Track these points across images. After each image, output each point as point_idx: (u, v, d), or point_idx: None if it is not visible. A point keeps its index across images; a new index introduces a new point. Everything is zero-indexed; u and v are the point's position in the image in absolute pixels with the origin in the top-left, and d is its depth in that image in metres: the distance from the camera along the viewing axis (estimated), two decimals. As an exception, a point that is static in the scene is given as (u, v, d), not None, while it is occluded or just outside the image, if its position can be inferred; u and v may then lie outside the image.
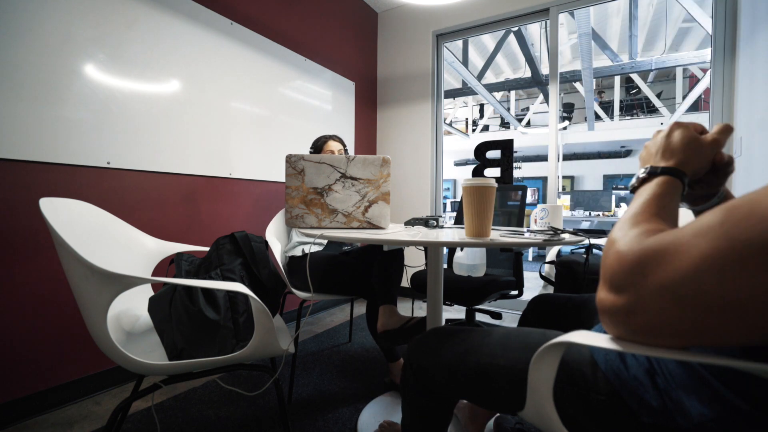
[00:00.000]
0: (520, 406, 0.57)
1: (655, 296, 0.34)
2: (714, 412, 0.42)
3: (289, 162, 1.01)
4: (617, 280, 0.38)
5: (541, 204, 1.13)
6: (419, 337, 0.76)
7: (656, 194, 0.46)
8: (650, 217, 0.43)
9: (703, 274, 0.31)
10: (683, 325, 0.33)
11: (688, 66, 6.62)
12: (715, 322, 0.31)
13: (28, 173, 1.33)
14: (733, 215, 0.31)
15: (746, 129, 1.83)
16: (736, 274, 0.30)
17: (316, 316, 2.63)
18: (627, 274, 0.37)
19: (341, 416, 1.35)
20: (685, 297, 0.32)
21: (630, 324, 0.37)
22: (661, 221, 0.42)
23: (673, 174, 0.48)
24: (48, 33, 1.35)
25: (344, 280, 1.52)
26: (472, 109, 10.58)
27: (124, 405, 0.83)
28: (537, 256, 8.30)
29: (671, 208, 0.45)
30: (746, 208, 0.31)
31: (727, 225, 0.31)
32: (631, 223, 0.43)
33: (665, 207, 0.45)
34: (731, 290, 0.30)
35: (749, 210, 0.30)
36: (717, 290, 0.31)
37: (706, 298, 0.31)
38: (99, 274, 0.75)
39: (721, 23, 2.06)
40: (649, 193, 0.47)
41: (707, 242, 0.32)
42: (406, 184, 3.17)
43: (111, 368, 1.55)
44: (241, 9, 2.10)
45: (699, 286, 0.31)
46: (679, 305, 0.33)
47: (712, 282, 0.31)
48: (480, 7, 2.80)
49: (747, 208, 0.31)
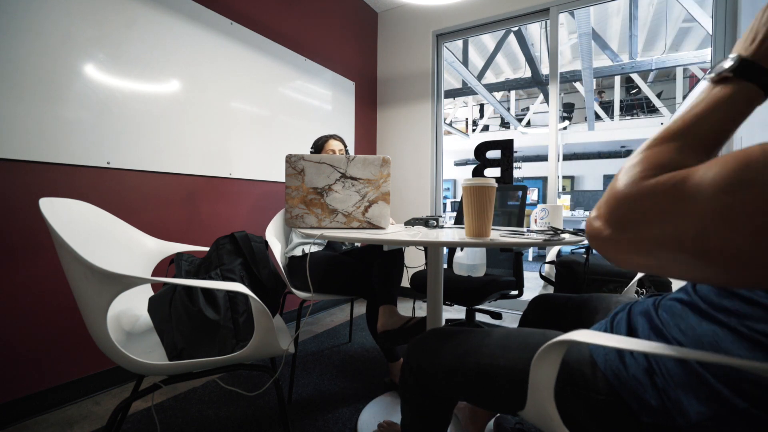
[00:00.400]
0: (520, 406, 0.57)
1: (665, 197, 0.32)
2: (712, 411, 0.42)
3: (289, 162, 1.01)
4: (617, 214, 0.35)
5: (541, 204, 1.13)
6: (418, 338, 0.76)
7: (722, 118, 0.36)
8: (695, 146, 0.36)
9: (726, 188, 0.29)
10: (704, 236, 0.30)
11: (688, 66, 6.62)
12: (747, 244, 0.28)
13: (28, 173, 1.33)
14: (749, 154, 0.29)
15: (746, 129, 1.82)
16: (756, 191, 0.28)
17: (316, 316, 2.63)
18: (621, 213, 0.35)
19: (341, 416, 1.35)
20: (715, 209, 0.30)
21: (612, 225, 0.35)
22: (692, 154, 0.36)
23: (754, 77, 0.35)
24: (48, 33, 1.35)
25: (344, 280, 1.52)
26: (472, 109, 10.57)
27: (124, 405, 0.83)
28: (537, 256, 8.30)
29: (726, 132, 0.36)
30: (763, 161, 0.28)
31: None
32: (659, 142, 0.37)
33: (719, 136, 0.36)
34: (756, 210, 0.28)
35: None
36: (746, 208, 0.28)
37: (736, 216, 0.28)
38: (99, 274, 0.75)
39: (721, 23, 2.06)
40: (713, 110, 0.36)
41: (720, 166, 0.30)
42: (406, 184, 3.17)
43: (111, 368, 1.55)
44: (241, 9, 2.10)
45: (727, 198, 0.29)
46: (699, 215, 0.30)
47: (735, 196, 0.29)
48: (480, 7, 2.80)
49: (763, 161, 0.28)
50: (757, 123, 1.69)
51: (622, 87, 9.23)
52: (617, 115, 8.92)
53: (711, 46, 2.12)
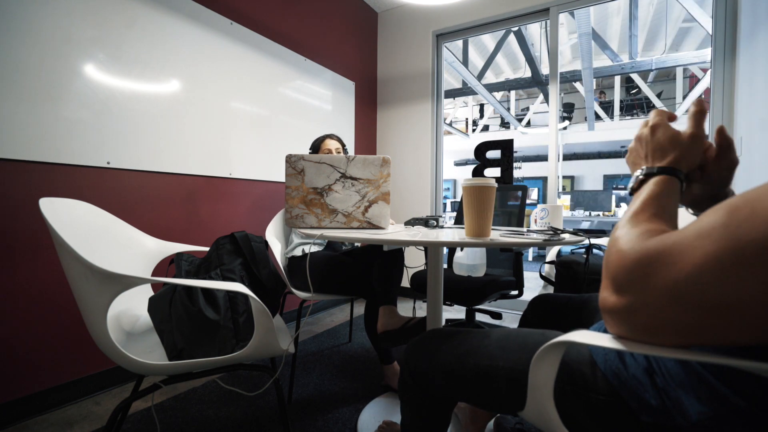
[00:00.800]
0: (520, 407, 0.57)
1: (658, 296, 0.34)
2: (712, 411, 0.42)
3: (289, 162, 1.01)
4: (620, 280, 0.38)
5: (541, 204, 1.13)
6: (416, 340, 0.76)
7: (655, 194, 0.46)
8: (651, 217, 0.43)
9: (706, 274, 0.31)
10: (685, 324, 0.33)
11: (688, 66, 6.62)
12: (718, 322, 0.31)
13: (28, 173, 1.33)
14: (735, 216, 0.31)
15: (746, 129, 1.83)
16: (740, 275, 0.30)
17: (316, 316, 2.63)
18: (630, 274, 0.37)
19: (341, 416, 1.35)
20: (687, 297, 0.32)
21: (632, 323, 0.37)
22: (662, 221, 0.43)
23: (669, 173, 0.48)
24: (48, 33, 1.35)
25: (344, 280, 1.51)
26: (472, 109, 10.57)
27: (124, 405, 0.83)
28: (537, 256, 8.30)
29: (671, 207, 0.46)
30: (748, 209, 0.31)
31: (731, 227, 0.31)
32: (633, 223, 0.43)
33: (665, 207, 0.45)
34: (734, 291, 0.30)
35: (751, 210, 0.30)
36: (720, 290, 0.31)
37: (709, 298, 0.31)
38: (99, 274, 0.75)
39: (721, 23, 2.06)
40: (648, 192, 0.47)
41: (710, 243, 0.32)
42: (406, 184, 3.17)
43: (111, 368, 1.55)
44: (241, 9, 2.10)
45: (702, 287, 0.32)
46: (681, 305, 0.33)
47: (715, 282, 0.31)
48: (480, 7, 2.80)
49: (749, 209, 0.31)
50: (757, 123, 1.69)
51: (622, 87, 9.22)
52: (617, 115, 8.92)
53: (711, 46, 2.12)
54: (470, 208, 0.84)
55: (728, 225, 0.31)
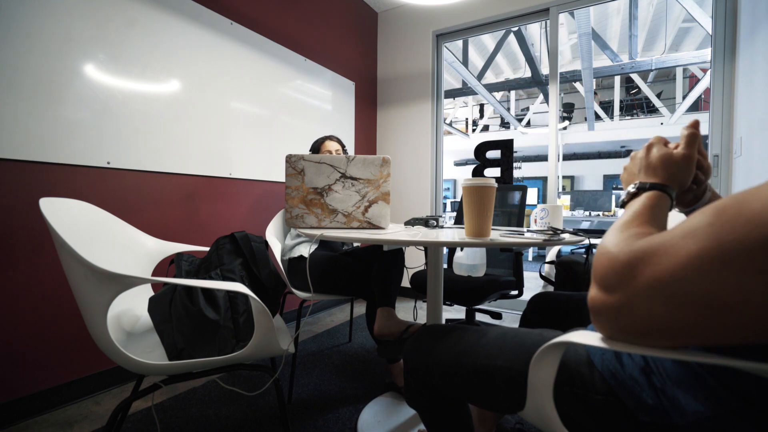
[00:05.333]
0: (519, 407, 0.57)
1: (643, 296, 0.35)
2: (709, 410, 0.42)
3: (289, 162, 1.01)
4: (608, 280, 0.38)
5: (541, 204, 1.13)
6: (413, 339, 0.76)
7: (646, 206, 0.48)
8: (641, 224, 0.44)
9: (690, 274, 0.32)
10: (671, 324, 0.33)
11: (688, 66, 6.63)
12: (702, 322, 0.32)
13: (28, 173, 1.33)
14: (721, 216, 0.32)
15: (746, 129, 1.83)
16: (723, 274, 0.30)
17: (316, 316, 2.63)
18: (617, 274, 0.37)
19: (341, 416, 1.35)
20: (672, 296, 0.33)
21: (619, 323, 0.37)
22: (651, 227, 0.44)
23: (660, 189, 0.50)
24: (48, 33, 1.35)
25: (344, 280, 1.51)
26: (472, 109, 10.57)
27: (124, 405, 0.83)
28: (537, 256, 8.29)
29: (661, 218, 0.47)
30: (734, 210, 0.31)
31: (716, 226, 0.31)
32: (622, 229, 0.44)
33: (656, 217, 0.46)
34: (717, 290, 0.30)
35: (737, 211, 0.31)
36: (703, 290, 0.31)
37: (694, 298, 0.31)
38: (99, 274, 0.75)
39: (721, 23, 2.06)
40: (639, 205, 0.49)
41: (695, 243, 0.32)
42: (406, 184, 3.17)
43: (111, 368, 1.55)
44: (241, 9, 2.10)
45: (686, 286, 0.32)
46: (666, 305, 0.33)
47: (699, 282, 0.31)
48: (480, 7, 2.80)
49: (735, 210, 0.31)
50: (757, 123, 1.69)
51: (622, 87, 9.23)
52: (617, 115, 8.92)
53: (711, 46, 2.12)
54: (470, 208, 0.84)
55: (713, 224, 0.32)
